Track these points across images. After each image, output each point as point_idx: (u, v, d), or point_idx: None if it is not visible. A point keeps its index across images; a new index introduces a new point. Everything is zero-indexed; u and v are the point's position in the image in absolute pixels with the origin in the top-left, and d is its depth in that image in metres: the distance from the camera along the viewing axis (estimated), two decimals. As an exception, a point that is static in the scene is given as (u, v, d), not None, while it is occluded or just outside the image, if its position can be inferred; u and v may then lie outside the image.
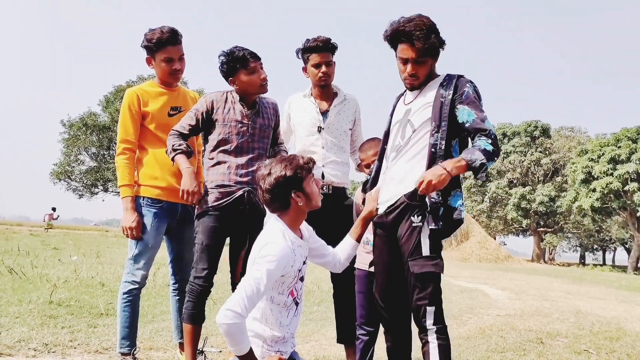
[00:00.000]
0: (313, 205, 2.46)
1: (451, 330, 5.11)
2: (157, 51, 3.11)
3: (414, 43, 2.43)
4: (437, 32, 2.47)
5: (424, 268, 2.38)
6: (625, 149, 32.91)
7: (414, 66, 2.51)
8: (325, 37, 3.25)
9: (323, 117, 3.34)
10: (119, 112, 3.25)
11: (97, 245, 16.06)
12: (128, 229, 3.04)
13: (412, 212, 2.43)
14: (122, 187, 3.09)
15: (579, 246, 53.01)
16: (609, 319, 6.77)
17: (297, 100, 3.44)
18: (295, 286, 2.39)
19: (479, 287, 10.99)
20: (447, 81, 2.51)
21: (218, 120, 2.97)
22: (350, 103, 3.42)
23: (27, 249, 11.30)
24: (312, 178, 2.46)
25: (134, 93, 3.15)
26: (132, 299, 3.08)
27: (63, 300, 5.07)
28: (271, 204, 2.43)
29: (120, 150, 3.12)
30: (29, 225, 31.17)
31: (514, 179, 43.48)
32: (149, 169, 3.13)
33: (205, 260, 2.88)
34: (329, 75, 3.27)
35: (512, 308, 7.48)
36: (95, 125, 33.37)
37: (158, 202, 3.12)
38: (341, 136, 3.36)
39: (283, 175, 2.35)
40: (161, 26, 3.13)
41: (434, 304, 2.38)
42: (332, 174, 3.27)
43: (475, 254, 29.23)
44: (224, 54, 2.92)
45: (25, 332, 3.71)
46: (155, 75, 3.27)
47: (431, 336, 2.37)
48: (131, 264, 3.09)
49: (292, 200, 2.39)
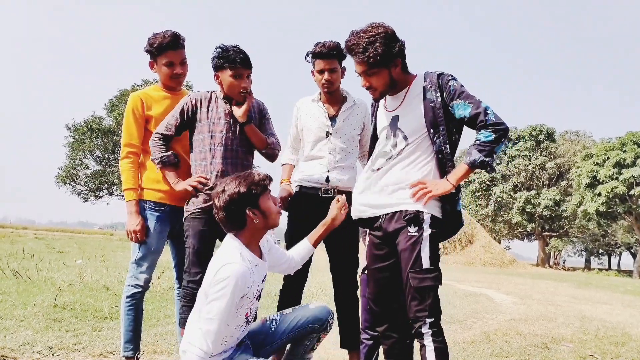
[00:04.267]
0: (270, 224, 2.43)
1: (456, 334, 5.11)
2: (159, 55, 3.13)
3: (357, 57, 2.44)
4: (387, 41, 2.41)
5: (424, 282, 2.40)
6: (630, 153, 32.77)
7: (366, 78, 2.51)
8: (332, 43, 3.18)
9: (331, 122, 3.31)
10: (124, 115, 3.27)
11: (102, 248, 16.10)
12: (132, 232, 3.06)
13: (410, 223, 2.44)
14: (126, 191, 3.11)
15: (584, 250, 52.69)
16: (615, 323, 6.73)
17: (305, 104, 3.42)
18: (250, 306, 2.38)
19: (484, 291, 10.95)
20: (429, 84, 2.50)
21: (202, 118, 2.98)
22: (359, 108, 3.38)
23: (32, 253, 11.35)
24: (269, 195, 2.43)
25: (137, 97, 3.17)
26: (136, 303, 3.09)
27: (67, 303, 5.08)
28: (226, 223, 2.39)
29: (125, 154, 3.14)
30: (34, 229, 31.28)
31: (518, 183, 43.35)
32: (153, 173, 3.14)
33: (197, 264, 2.89)
34: (332, 82, 3.22)
35: (517, 312, 7.45)
36: (100, 129, 33.49)
37: (161, 206, 3.13)
38: (349, 141, 3.33)
39: (237, 192, 2.32)
40: (164, 30, 3.14)
41: (433, 316, 2.41)
42: (337, 178, 3.26)
43: (480, 258, 29.13)
44: (220, 48, 2.92)
45: (30, 335, 3.72)
46: (159, 80, 3.29)
47: (427, 339, 2.39)
48: (134, 268, 3.10)
49: (247, 218, 2.35)
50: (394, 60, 2.46)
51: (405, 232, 2.44)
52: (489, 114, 2.41)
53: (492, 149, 2.41)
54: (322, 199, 3.19)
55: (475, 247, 30.09)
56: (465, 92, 2.46)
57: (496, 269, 27.14)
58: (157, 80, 3.35)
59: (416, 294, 2.40)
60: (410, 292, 2.42)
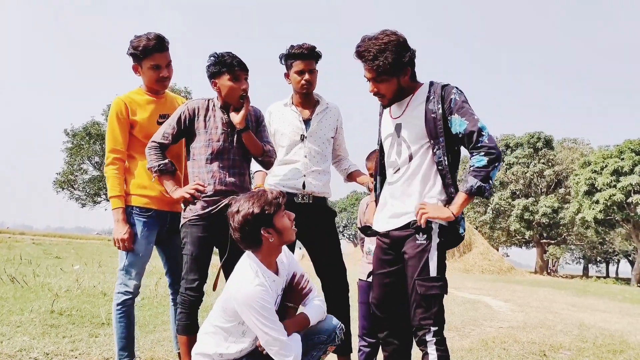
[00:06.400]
0: (286, 241, 2.45)
1: (453, 342, 5.11)
2: (144, 59, 3.06)
3: (367, 64, 2.44)
4: (398, 49, 2.41)
5: (431, 290, 2.41)
6: (628, 161, 32.80)
7: (374, 85, 2.51)
8: (310, 45, 3.25)
9: (305, 126, 3.33)
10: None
11: (99, 254, 16.04)
12: (120, 240, 3.02)
13: (419, 231, 2.45)
14: (112, 199, 3.07)
15: (582, 258, 52.67)
16: (613, 331, 6.72)
17: (277, 109, 3.43)
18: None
19: (482, 298, 10.93)
20: (432, 94, 2.49)
21: (199, 127, 2.98)
22: (332, 111, 3.42)
23: (29, 258, 11.32)
24: (283, 212, 2.44)
25: (121, 101, 3.11)
26: (127, 310, 3.05)
27: (64, 309, 5.07)
28: (242, 242, 2.42)
29: (110, 160, 3.09)
30: (31, 234, 31.14)
31: (517, 190, 43.35)
32: (139, 179, 3.12)
33: (195, 270, 2.89)
34: (311, 83, 3.27)
35: (515, 320, 7.44)
36: (98, 134, 33.52)
37: (147, 211, 3.10)
38: (324, 144, 3.35)
39: (250, 212, 2.33)
40: (147, 33, 3.08)
41: (437, 324, 2.42)
42: (313, 183, 3.27)
43: (478, 265, 29.08)
44: (214, 56, 2.92)
45: (27, 341, 3.71)
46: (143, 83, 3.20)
47: (430, 347, 2.40)
48: (123, 275, 3.07)
49: (263, 238, 2.37)
50: (404, 69, 2.46)
51: (413, 240, 2.46)
52: (484, 135, 2.40)
53: (487, 174, 2.39)
54: (298, 205, 3.21)
55: (473, 254, 30.04)
56: (465, 109, 2.44)
57: (494, 276, 27.10)
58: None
59: (422, 301, 2.42)
60: (415, 300, 2.43)
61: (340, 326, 2.64)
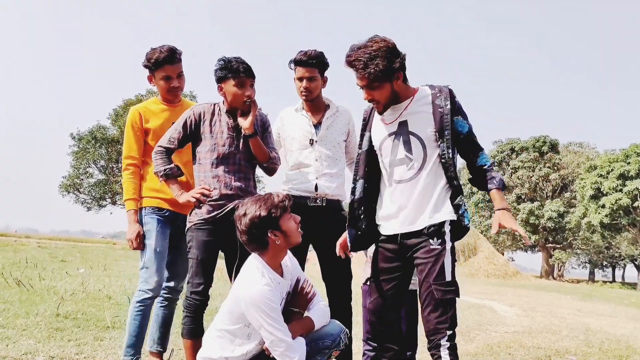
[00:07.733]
0: (292, 243, 2.49)
1: (459, 346, 5.07)
2: (156, 70, 3.24)
3: (359, 72, 2.46)
4: (388, 55, 2.42)
5: (448, 295, 2.43)
6: (634, 165, 32.68)
7: (368, 92, 2.52)
8: (313, 52, 3.22)
9: (315, 130, 3.34)
10: None
11: (105, 257, 16.08)
12: (133, 240, 3.16)
13: (432, 236, 2.46)
14: (126, 201, 3.24)
15: (588, 262, 52.39)
16: (619, 336, 6.69)
17: (289, 114, 3.44)
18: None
19: (487, 303, 10.90)
20: (439, 92, 2.55)
21: (205, 131, 3.01)
22: (342, 115, 3.42)
23: (35, 261, 11.35)
24: (289, 215, 2.48)
25: (136, 111, 3.30)
26: (144, 309, 3.14)
27: (70, 312, 5.08)
28: (249, 245, 2.47)
29: (125, 166, 3.27)
30: (37, 238, 31.26)
31: (522, 195, 43.23)
32: (152, 183, 3.25)
33: (200, 274, 2.90)
34: (310, 91, 3.25)
35: (521, 325, 7.41)
36: (104, 138, 33.59)
37: (160, 210, 3.23)
38: (335, 148, 3.35)
39: (257, 215, 2.38)
40: (160, 45, 3.24)
41: (452, 328, 2.44)
42: (325, 185, 3.26)
43: (483, 270, 29.00)
44: (222, 60, 2.95)
45: (32, 344, 3.72)
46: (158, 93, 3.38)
47: (444, 352, 2.41)
48: (144, 272, 3.16)
49: (269, 240, 2.42)
50: (395, 74, 2.48)
51: (427, 245, 2.46)
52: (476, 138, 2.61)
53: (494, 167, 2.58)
54: (311, 208, 3.21)
55: (478, 258, 29.96)
56: (464, 113, 2.58)
57: (499, 280, 27.02)
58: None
59: (439, 306, 2.43)
60: (431, 304, 2.44)
61: (344, 331, 2.65)
